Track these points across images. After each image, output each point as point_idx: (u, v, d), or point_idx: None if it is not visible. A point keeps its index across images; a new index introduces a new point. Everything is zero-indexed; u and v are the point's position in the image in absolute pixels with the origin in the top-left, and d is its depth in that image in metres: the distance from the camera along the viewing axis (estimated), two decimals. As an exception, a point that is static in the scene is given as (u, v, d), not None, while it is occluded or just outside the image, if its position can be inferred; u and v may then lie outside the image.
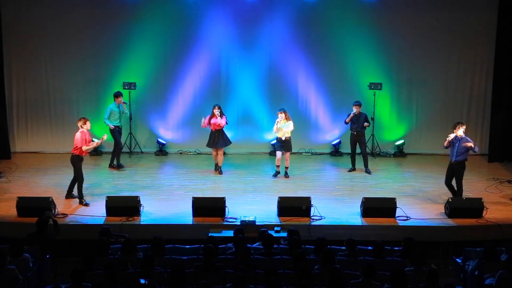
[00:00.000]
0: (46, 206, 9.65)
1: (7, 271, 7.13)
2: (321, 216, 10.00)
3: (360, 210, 10.20)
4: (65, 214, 9.99)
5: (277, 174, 12.36)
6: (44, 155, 13.86)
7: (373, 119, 13.57)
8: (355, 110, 12.39)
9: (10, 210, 10.08)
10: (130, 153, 13.93)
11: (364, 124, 12.44)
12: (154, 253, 7.77)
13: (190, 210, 9.97)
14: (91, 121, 11.28)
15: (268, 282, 6.75)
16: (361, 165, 12.78)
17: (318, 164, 13.65)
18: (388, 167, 13.32)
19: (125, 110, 12.75)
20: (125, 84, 13.47)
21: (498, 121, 13.64)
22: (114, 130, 12.57)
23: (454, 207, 10.11)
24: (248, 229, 9.08)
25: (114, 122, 12.59)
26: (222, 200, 10.03)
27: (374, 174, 12.62)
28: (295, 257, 7.48)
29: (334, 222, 9.92)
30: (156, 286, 6.94)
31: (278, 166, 12.31)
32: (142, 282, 6.77)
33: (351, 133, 12.64)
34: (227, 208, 9.98)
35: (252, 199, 10.96)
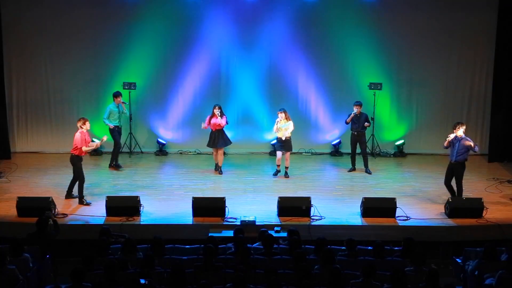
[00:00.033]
0: (46, 206, 9.66)
1: (7, 271, 7.13)
2: (321, 216, 10.00)
3: (360, 210, 10.20)
4: (65, 214, 10.00)
5: (277, 173, 12.36)
6: (44, 155, 13.86)
7: (373, 119, 13.57)
8: (356, 110, 12.39)
9: (10, 210, 10.09)
10: (130, 153, 13.93)
11: (364, 124, 12.45)
12: (154, 253, 7.77)
13: (190, 210, 9.97)
14: (91, 121, 11.31)
15: (268, 282, 6.75)
16: (361, 165, 12.78)
17: (318, 164, 13.65)
18: (388, 167, 13.32)
19: (124, 110, 12.75)
20: (125, 84, 13.48)
21: (498, 121, 13.63)
22: (114, 130, 12.57)
23: (454, 207, 10.11)
24: (248, 229, 9.07)
25: (114, 122, 12.59)
26: (222, 200, 10.03)
27: (374, 174, 12.62)
28: (295, 257, 7.48)
29: (334, 222, 9.92)
30: (156, 286, 6.94)
31: (278, 166, 12.33)
32: (142, 282, 6.77)
33: (352, 133, 12.64)
34: (227, 208, 9.98)
35: (252, 199, 10.96)
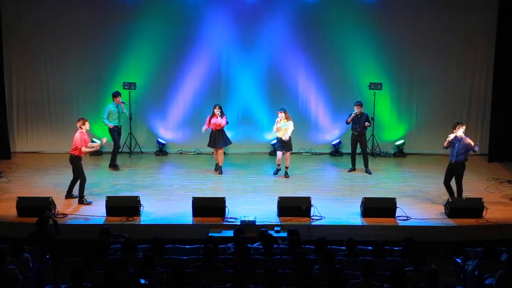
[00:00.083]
0: (46, 206, 9.66)
1: (7, 271, 7.13)
2: (321, 216, 10.00)
3: (360, 210, 10.20)
4: (65, 214, 10.00)
5: (277, 171, 12.36)
6: (44, 155, 13.86)
7: (373, 119, 13.56)
8: (357, 110, 12.38)
9: (10, 210, 10.09)
10: (130, 153, 13.93)
11: (365, 123, 12.44)
12: (154, 253, 7.77)
13: (190, 210, 9.96)
14: (91, 121, 11.32)
15: (268, 282, 6.75)
16: (361, 165, 12.78)
17: (318, 164, 13.65)
18: (388, 167, 13.32)
19: (123, 110, 12.73)
20: (125, 84, 13.47)
21: (498, 121, 13.63)
22: (113, 130, 12.56)
23: (454, 207, 10.11)
24: (248, 229, 9.07)
25: (113, 122, 12.57)
26: (222, 200, 10.02)
27: (374, 174, 12.62)
28: (295, 257, 7.48)
29: (334, 222, 9.92)
30: (156, 286, 6.94)
31: (278, 165, 12.33)
32: (142, 282, 6.77)
33: (352, 133, 12.64)
34: (227, 208, 9.98)
35: (252, 199, 10.95)
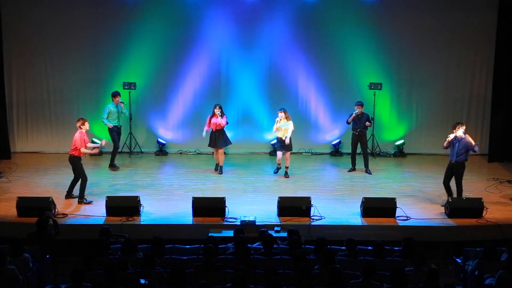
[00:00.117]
0: (46, 206, 9.66)
1: (7, 271, 7.13)
2: (321, 216, 10.00)
3: (360, 210, 10.20)
4: (65, 214, 10.00)
5: (278, 170, 12.36)
6: (44, 155, 13.86)
7: (373, 119, 13.55)
8: (357, 110, 12.38)
9: (10, 210, 10.09)
10: (130, 153, 13.93)
11: (366, 123, 12.44)
12: (154, 253, 7.77)
13: (190, 210, 9.96)
14: (91, 121, 11.33)
15: (268, 282, 6.75)
16: (361, 165, 12.78)
17: (318, 164, 13.65)
18: (388, 167, 13.32)
19: (123, 110, 12.71)
20: (125, 84, 13.47)
21: (498, 121, 13.63)
22: (112, 130, 12.56)
23: (454, 207, 10.11)
24: (248, 229, 9.07)
25: (113, 122, 12.57)
26: (222, 200, 10.02)
27: (374, 174, 12.61)
28: (295, 257, 7.47)
29: (334, 222, 9.92)
30: (156, 286, 6.94)
31: (279, 164, 12.33)
32: (142, 282, 6.77)
33: (353, 133, 12.63)
34: (227, 208, 9.98)
35: (252, 199, 10.95)
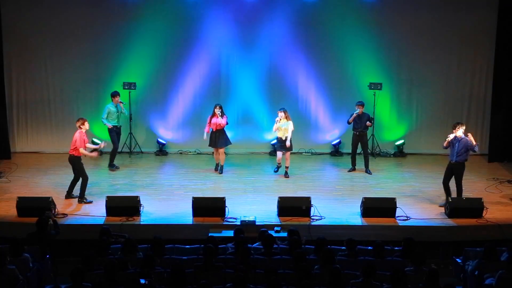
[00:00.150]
0: (46, 206, 9.65)
1: (7, 271, 7.13)
2: (321, 216, 10.00)
3: (360, 210, 10.19)
4: (65, 214, 10.00)
5: (278, 168, 12.36)
6: (44, 155, 13.86)
7: (373, 119, 13.54)
8: (358, 110, 12.37)
9: (10, 210, 10.09)
10: (130, 153, 13.93)
11: (366, 123, 12.43)
12: (154, 253, 7.77)
13: (190, 210, 9.96)
14: (91, 121, 11.33)
15: (268, 282, 6.75)
16: (361, 165, 12.78)
17: (318, 164, 13.65)
18: (388, 167, 13.32)
19: (123, 109, 12.68)
20: (125, 84, 13.47)
21: (498, 121, 13.63)
22: (112, 130, 12.55)
23: (454, 207, 10.10)
24: (248, 229, 9.07)
25: (112, 121, 12.56)
26: (222, 200, 10.02)
27: (374, 174, 12.61)
28: (295, 257, 7.47)
29: (334, 222, 9.92)
30: (156, 286, 6.94)
31: (279, 163, 12.33)
32: (142, 282, 6.77)
33: (354, 133, 12.62)
34: (227, 208, 9.98)
35: (252, 199, 10.95)
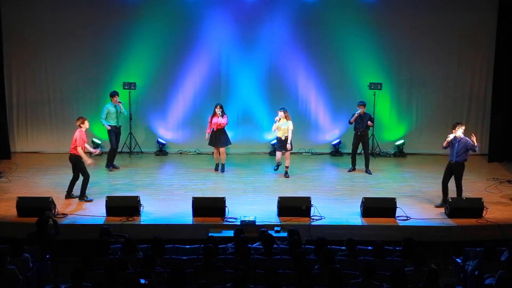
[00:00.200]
0: (46, 206, 9.65)
1: (7, 271, 7.13)
2: (321, 216, 9.99)
3: (360, 210, 10.19)
4: (65, 214, 10.00)
5: (278, 167, 12.36)
6: (44, 155, 13.86)
7: (373, 119, 13.55)
8: (360, 110, 12.36)
9: (10, 210, 10.08)
10: (130, 153, 13.93)
11: (368, 123, 12.43)
12: (154, 253, 7.76)
13: (190, 210, 9.96)
14: (91, 121, 11.34)
15: (268, 282, 6.74)
16: (361, 165, 12.78)
17: (318, 164, 13.65)
18: (388, 167, 13.32)
19: (122, 109, 12.67)
20: (125, 84, 13.47)
21: (498, 121, 13.63)
22: (111, 131, 12.54)
23: (454, 207, 10.10)
24: (248, 229, 9.06)
25: (111, 122, 12.56)
26: (222, 200, 10.02)
27: (374, 174, 12.61)
28: (295, 257, 7.47)
29: (334, 222, 9.91)
30: (156, 286, 6.94)
31: (278, 162, 12.32)
32: (142, 282, 6.77)
33: (355, 133, 12.61)
34: (227, 208, 9.98)
35: (252, 199, 10.95)
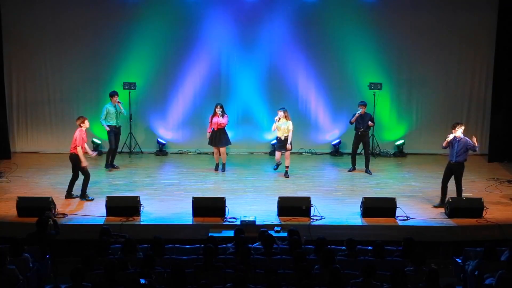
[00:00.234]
0: (46, 206, 9.65)
1: (7, 271, 7.13)
2: (321, 216, 9.99)
3: (360, 210, 10.19)
4: (65, 214, 9.99)
5: (277, 166, 12.36)
6: (44, 155, 13.86)
7: (373, 119, 13.55)
8: (361, 110, 12.36)
9: (10, 210, 10.08)
10: (130, 153, 13.93)
11: (368, 123, 12.43)
12: (154, 253, 7.77)
13: (190, 210, 9.96)
14: (91, 121, 11.34)
15: (268, 282, 6.74)
16: (361, 165, 12.77)
17: (318, 164, 13.65)
18: (388, 167, 13.32)
19: (121, 109, 12.66)
20: (125, 84, 13.47)
21: (498, 121, 13.63)
22: (110, 131, 12.54)
23: (454, 207, 10.10)
24: (248, 229, 9.06)
25: (111, 122, 12.55)
26: (222, 200, 10.02)
27: (374, 174, 12.61)
28: (295, 257, 7.48)
29: (334, 222, 9.91)
30: (156, 286, 6.94)
31: (278, 161, 12.32)
32: (142, 282, 6.77)
33: (356, 133, 12.60)
34: (227, 208, 9.98)
35: (252, 199, 10.95)
